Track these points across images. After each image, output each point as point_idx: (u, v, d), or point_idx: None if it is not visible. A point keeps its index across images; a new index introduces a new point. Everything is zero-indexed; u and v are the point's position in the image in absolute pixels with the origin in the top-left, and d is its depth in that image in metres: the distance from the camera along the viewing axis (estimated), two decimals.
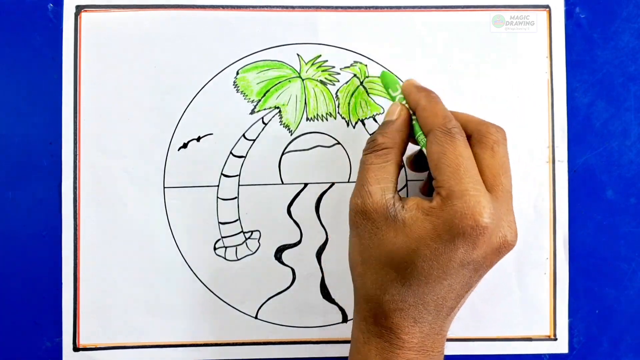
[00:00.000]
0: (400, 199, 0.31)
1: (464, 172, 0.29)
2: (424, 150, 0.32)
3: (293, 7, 0.41)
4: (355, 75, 0.41)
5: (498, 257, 0.30)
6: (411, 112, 0.33)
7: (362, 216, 0.31)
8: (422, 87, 0.34)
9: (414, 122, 0.33)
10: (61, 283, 0.40)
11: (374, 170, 0.31)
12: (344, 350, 0.41)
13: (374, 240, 0.30)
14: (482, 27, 0.41)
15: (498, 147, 0.31)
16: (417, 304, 0.30)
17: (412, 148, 0.35)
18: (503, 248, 0.30)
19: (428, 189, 0.38)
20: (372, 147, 0.32)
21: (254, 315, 0.41)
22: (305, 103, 0.41)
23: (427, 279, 0.29)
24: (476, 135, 0.32)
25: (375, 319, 0.31)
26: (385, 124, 0.33)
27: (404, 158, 0.34)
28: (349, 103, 0.41)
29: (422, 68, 0.41)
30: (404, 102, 0.34)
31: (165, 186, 0.40)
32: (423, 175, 0.40)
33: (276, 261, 0.41)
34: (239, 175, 0.40)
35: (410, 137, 0.34)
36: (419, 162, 0.37)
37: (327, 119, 0.41)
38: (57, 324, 0.40)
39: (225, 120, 0.40)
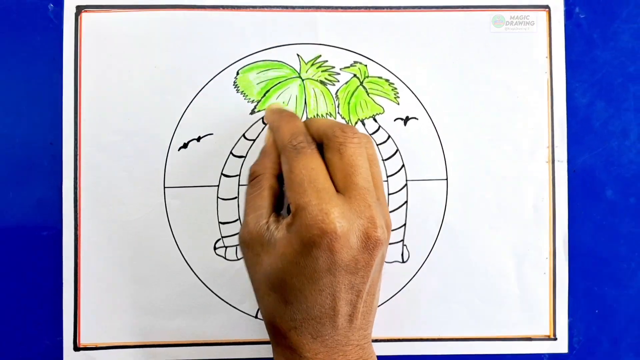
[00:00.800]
0: (277, 220, 0.31)
1: (307, 184, 0.30)
2: None
3: (293, 7, 0.41)
4: (355, 75, 0.41)
5: (370, 254, 0.30)
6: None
7: (244, 246, 0.32)
8: (279, 109, 0.36)
9: None
10: (61, 283, 0.40)
11: (251, 199, 0.33)
12: None
13: (257, 268, 0.31)
14: (482, 27, 0.41)
15: (345, 148, 0.31)
16: (307, 320, 0.30)
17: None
18: (370, 244, 0.30)
19: None
20: (248, 177, 0.34)
21: (254, 315, 0.41)
22: (305, 103, 0.41)
23: (303, 293, 0.29)
24: (325, 140, 0.32)
25: (277, 340, 0.31)
26: (260, 151, 0.35)
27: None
28: (348, 103, 0.41)
29: (422, 68, 0.41)
30: None
31: (165, 186, 0.40)
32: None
33: None
34: (239, 175, 0.41)
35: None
36: None
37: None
38: (58, 323, 0.40)
39: (225, 120, 0.40)
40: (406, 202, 0.41)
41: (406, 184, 0.41)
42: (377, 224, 0.30)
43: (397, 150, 0.41)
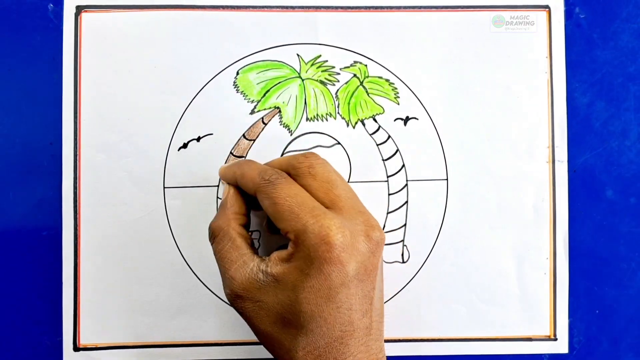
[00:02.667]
0: (262, 260, 0.31)
1: (298, 208, 0.30)
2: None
3: (293, 7, 0.41)
4: (355, 75, 0.41)
5: (375, 257, 0.31)
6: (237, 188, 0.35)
7: (238, 301, 0.31)
8: (232, 162, 0.36)
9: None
10: (61, 283, 0.40)
11: (224, 255, 0.32)
12: None
13: (262, 313, 0.31)
14: (482, 27, 0.41)
15: (315, 170, 0.32)
16: (329, 344, 0.29)
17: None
18: (374, 247, 0.30)
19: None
20: (211, 236, 0.33)
21: None
22: (305, 103, 0.41)
23: (322, 316, 0.29)
24: (292, 170, 0.32)
25: None
26: (219, 207, 0.35)
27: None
28: (348, 103, 0.41)
29: (422, 68, 0.41)
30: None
31: (165, 186, 0.40)
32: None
33: None
34: None
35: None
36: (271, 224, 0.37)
37: (327, 119, 0.41)
38: (57, 323, 0.40)
39: (225, 120, 0.40)
40: (406, 202, 0.41)
41: (406, 184, 0.41)
42: (374, 225, 0.31)
43: (397, 150, 0.41)
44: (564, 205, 0.41)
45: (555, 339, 0.41)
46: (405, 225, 0.41)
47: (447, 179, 0.41)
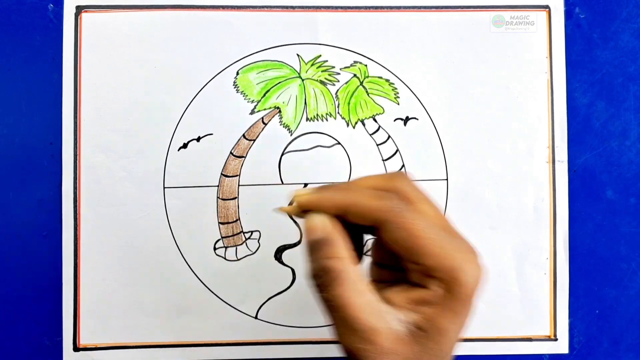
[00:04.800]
0: (387, 306, 0.26)
1: (440, 241, 0.25)
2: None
3: (293, 7, 0.41)
4: (355, 75, 0.41)
5: (475, 297, 0.26)
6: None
7: (380, 357, 0.25)
8: (319, 187, 0.28)
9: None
10: (61, 283, 0.40)
11: (348, 296, 0.25)
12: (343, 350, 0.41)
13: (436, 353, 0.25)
14: (482, 27, 0.41)
15: (422, 195, 0.27)
16: None
17: None
18: (479, 286, 0.26)
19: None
20: (323, 280, 0.26)
21: (254, 315, 0.41)
22: (305, 103, 0.41)
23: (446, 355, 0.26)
24: (400, 195, 0.27)
25: None
26: (315, 247, 0.27)
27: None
28: (348, 103, 0.41)
29: (422, 68, 0.41)
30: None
31: (165, 186, 0.40)
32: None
33: (276, 261, 0.41)
34: (239, 175, 0.40)
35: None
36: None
37: (327, 119, 0.41)
38: (57, 323, 0.40)
39: (225, 120, 0.40)
40: None
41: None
42: (473, 256, 0.26)
43: (397, 150, 0.41)
44: (564, 206, 0.41)
45: (556, 339, 0.41)
46: None
47: (447, 179, 0.41)
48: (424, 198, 0.27)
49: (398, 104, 0.41)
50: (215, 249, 0.40)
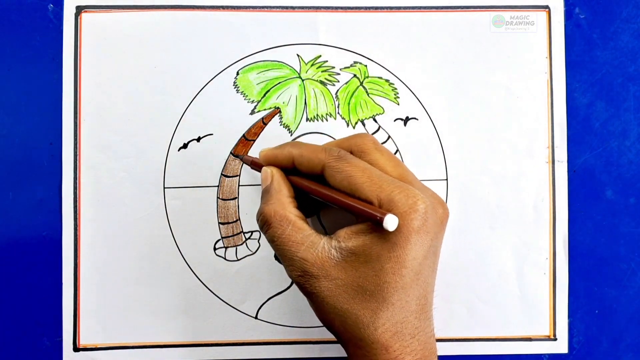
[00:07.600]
0: (329, 237, 0.30)
1: (377, 179, 0.29)
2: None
3: (293, 8, 0.41)
4: (355, 75, 0.41)
5: (444, 230, 0.31)
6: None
7: (313, 281, 0.30)
8: (279, 145, 0.34)
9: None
10: (61, 283, 0.40)
11: (287, 239, 0.30)
12: (343, 350, 0.41)
13: (339, 290, 0.29)
14: (482, 27, 0.41)
15: (379, 145, 0.32)
16: (407, 317, 0.29)
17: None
18: (444, 220, 0.30)
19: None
20: (266, 222, 0.31)
21: (254, 315, 0.41)
22: (305, 103, 0.41)
23: (404, 287, 0.29)
24: (355, 147, 0.32)
25: (368, 353, 0.29)
26: (264, 192, 0.33)
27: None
28: (348, 103, 0.41)
29: (422, 68, 0.41)
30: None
31: (165, 186, 0.40)
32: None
33: (276, 261, 0.41)
34: (239, 175, 0.40)
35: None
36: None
37: (327, 120, 0.41)
38: (57, 324, 0.40)
39: (225, 120, 0.40)
40: None
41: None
42: (441, 200, 0.31)
43: (397, 150, 0.41)
44: (563, 205, 0.41)
45: (555, 339, 0.41)
46: None
47: (447, 179, 0.41)
48: (376, 149, 0.32)
49: (398, 104, 0.41)
50: (215, 249, 0.40)
